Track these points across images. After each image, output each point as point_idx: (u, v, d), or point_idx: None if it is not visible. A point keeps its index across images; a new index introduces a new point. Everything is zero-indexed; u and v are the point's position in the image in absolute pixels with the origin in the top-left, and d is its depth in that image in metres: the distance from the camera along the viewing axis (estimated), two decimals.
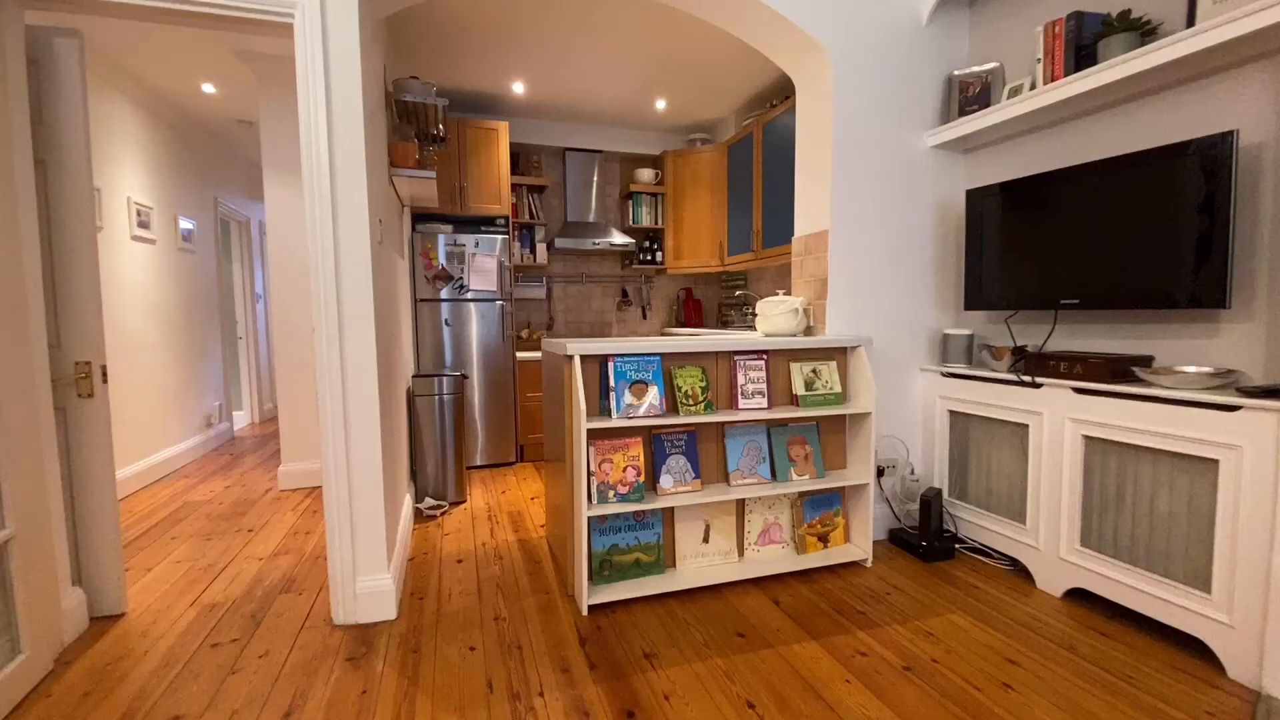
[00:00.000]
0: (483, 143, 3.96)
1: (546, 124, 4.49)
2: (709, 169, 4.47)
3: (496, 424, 4.00)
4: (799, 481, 2.32)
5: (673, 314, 5.04)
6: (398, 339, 2.86)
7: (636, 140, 4.73)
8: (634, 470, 2.09)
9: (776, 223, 3.74)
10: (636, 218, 4.62)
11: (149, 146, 3.91)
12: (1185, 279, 1.83)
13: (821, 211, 2.55)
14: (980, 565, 2.41)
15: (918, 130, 2.63)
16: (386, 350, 2.29)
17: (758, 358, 2.30)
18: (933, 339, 2.72)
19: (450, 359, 3.89)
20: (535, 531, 2.82)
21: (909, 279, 2.65)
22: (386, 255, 2.47)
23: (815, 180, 2.59)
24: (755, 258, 3.96)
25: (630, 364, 2.10)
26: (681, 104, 4.25)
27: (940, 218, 2.69)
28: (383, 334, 2.18)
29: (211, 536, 2.81)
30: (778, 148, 3.70)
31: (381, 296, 2.21)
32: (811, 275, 2.62)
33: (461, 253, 3.87)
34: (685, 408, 2.13)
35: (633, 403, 2.07)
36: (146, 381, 3.77)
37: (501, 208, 4.03)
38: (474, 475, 3.83)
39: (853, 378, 2.44)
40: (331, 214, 1.87)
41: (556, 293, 4.73)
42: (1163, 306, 1.89)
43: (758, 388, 2.28)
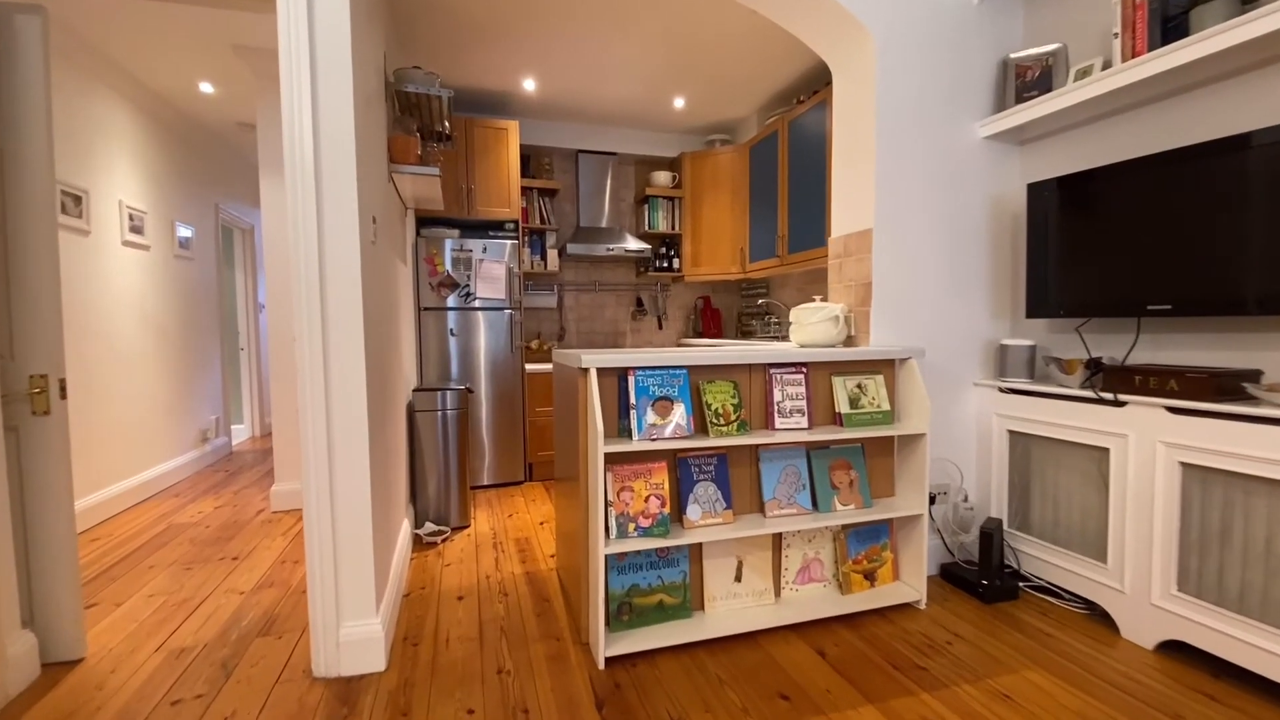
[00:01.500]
0: (491, 143, 3.76)
1: (558, 124, 4.29)
2: (729, 171, 4.23)
3: (504, 441, 3.75)
4: (844, 512, 2.04)
5: (690, 324, 4.79)
6: (397, 349, 2.63)
7: (652, 142, 4.51)
8: (657, 500, 1.83)
9: (803, 226, 3.49)
10: (652, 223, 4.40)
11: (144, 148, 3.74)
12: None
13: (864, 208, 2.30)
14: (1049, 608, 2.11)
15: (968, 120, 2.38)
16: (382, 362, 2.06)
17: (796, 371, 2.03)
18: (987, 350, 2.45)
19: (456, 371, 3.66)
20: (544, 562, 2.55)
21: (959, 283, 2.39)
22: (384, 258, 2.25)
23: (856, 174, 2.34)
24: (780, 264, 3.71)
25: (653, 378, 1.85)
26: (700, 103, 4.03)
27: (993, 216, 2.43)
28: (377, 344, 1.94)
29: (193, 565, 2.58)
30: (805, 147, 3.46)
31: (376, 302, 1.98)
32: (852, 279, 2.36)
33: (468, 258, 3.65)
34: (716, 428, 1.87)
35: (656, 422, 1.82)
36: (137, 394, 3.57)
37: (511, 211, 3.81)
38: (479, 496, 3.58)
39: (902, 394, 2.17)
40: (315, 207, 1.65)
41: (568, 301, 4.50)
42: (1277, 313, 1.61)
43: (796, 405, 2.02)
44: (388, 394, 2.24)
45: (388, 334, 2.32)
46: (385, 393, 2.16)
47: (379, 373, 2.01)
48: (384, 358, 2.16)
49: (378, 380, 1.97)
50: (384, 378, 2.14)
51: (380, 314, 2.11)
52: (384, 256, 2.27)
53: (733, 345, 3.56)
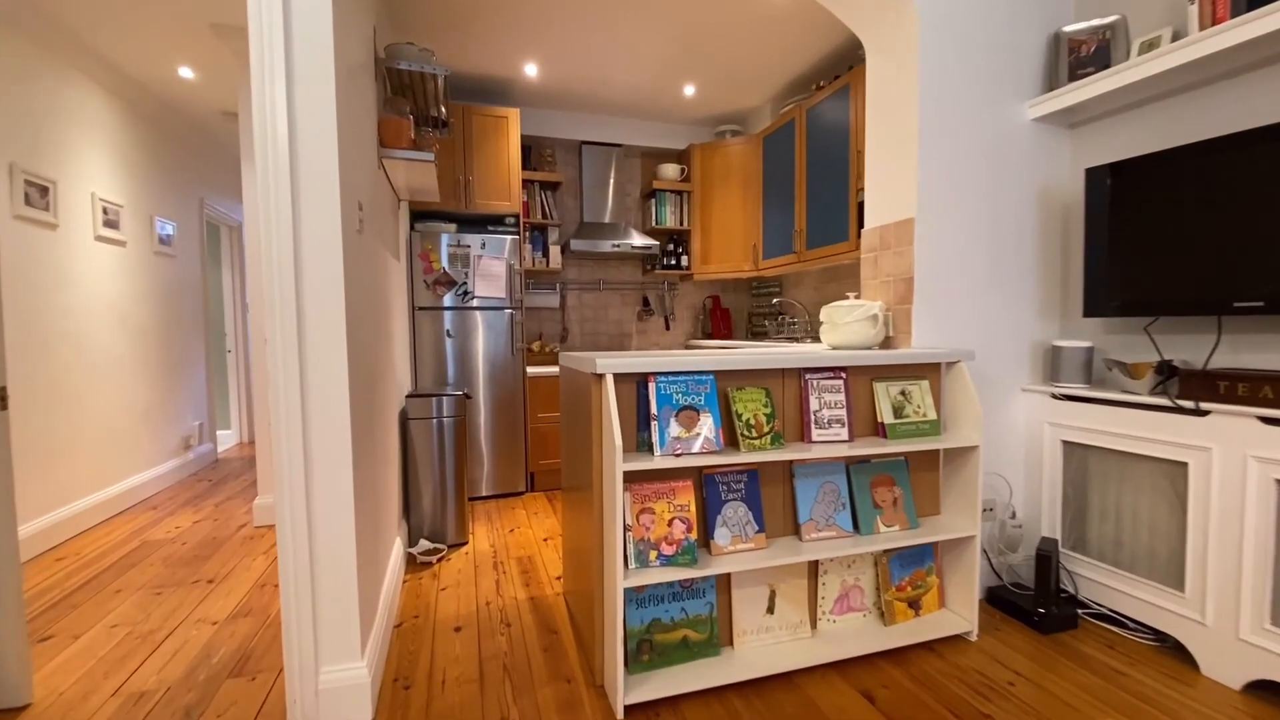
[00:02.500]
0: (491, 132, 3.54)
1: (561, 114, 4.07)
2: (741, 163, 4.02)
3: (504, 449, 3.53)
4: (888, 534, 1.82)
5: (699, 325, 4.58)
6: (388, 352, 2.41)
7: (660, 133, 4.30)
8: (683, 524, 1.61)
9: (823, 221, 3.28)
10: (660, 218, 4.18)
11: (120, 138, 3.51)
12: None
13: (905, 196, 2.09)
14: (1114, 639, 1.90)
15: (1016, 100, 2.17)
16: (370, 365, 1.83)
17: (835, 376, 1.82)
18: (1035, 352, 2.23)
19: (453, 375, 3.43)
20: (550, 585, 2.33)
21: (1004, 279, 2.18)
22: (372, 251, 2.02)
23: (895, 160, 2.12)
24: (797, 260, 3.49)
25: (677, 384, 1.63)
26: (711, 91, 3.81)
27: (1041, 205, 2.22)
28: (364, 345, 1.72)
29: (163, 589, 2.34)
30: (824, 136, 3.25)
31: (363, 298, 1.76)
32: (890, 274, 2.14)
33: (466, 255, 3.43)
34: (747, 442, 1.65)
35: (680, 435, 1.59)
36: (111, 400, 3.33)
37: (511, 205, 3.59)
38: (478, 509, 3.36)
39: (950, 401, 1.96)
40: (290, 187, 1.42)
41: (571, 301, 4.27)
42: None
43: (835, 414, 1.80)
44: (376, 401, 2.01)
45: (377, 335, 2.09)
46: (373, 400, 1.94)
47: (365, 378, 1.78)
48: (372, 361, 1.94)
49: (364, 386, 1.75)
50: (372, 383, 1.91)
51: (368, 312, 1.88)
52: (372, 249, 2.04)
53: (756, 348, 3.34)
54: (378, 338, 2.12)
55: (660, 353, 1.89)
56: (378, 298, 2.16)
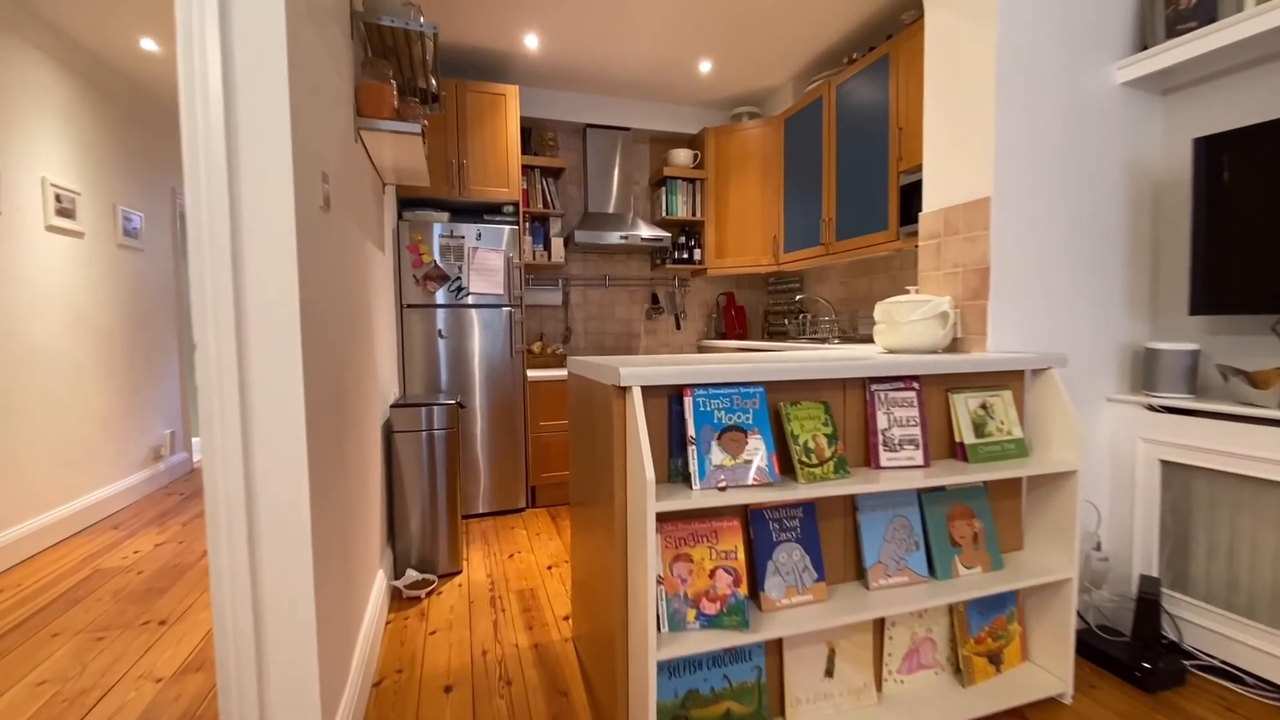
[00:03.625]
0: (487, 111, 3.20)
1: (564, 94, 3.73)
2: (760, 148, 3.69)
3: (502, 460, 3.20)
4: (970, 578, 1.51)
5: (712, 324, 4.25)
6: (370, 355, 2.08)
7: (670, 116, 3.97)
8: (728, 575, 1.29)
9: (856, 209, 2.96)
10: (670, 208, 3.85)
11: (77, 119, 3.17)
12: None
13: (978, 172, 1.76)
14: (1234, 699, 1.58)
15: (1102, 61, 1.85)
16: (339, 373, 1.50)
17: (906, 387, 1.50)
18: (1122, 356, 1.92)
19: (446, 379, 3.10)
20: (557, 629, 2.00)
21: (1086, 270, 1.86)
22: (345, 234, 1.70)
23: (965, 129, 1.80)
24: (825, 253, 3.17)
25: (720, 398, 1.30)
26: (729, 68, 3.48)
27: (1130, 183, 1.90)
28: (331, 349, 1.39)
29: (107, 633, 2.01)
30: (857, 114, 2.92)
31: (330, 291, 1.43)
32: (959, 264, 1.82)
33: (460, 247, 3.10)
34: (806, 471, 1.33)
35: (725, 463, 1.27)
36: (66, 408, 3.00)
37: (510, 192, 3.26)
38: (473, 529, 3.03)
39: (1036, 416, 1.64)
40: (225, 146, 1.09)
41: (574, 298, 3.95)
42: None
43: (908, 434, 1.48)
44: (349, 413, 1.69)
45: (353, 335, 1.77)
46: (344, 412, 1.61)
47: (333, 387, 1.46)
48: (343, 367, 1.61)
49: (329, 398, 1.42)
50: (342, 393, 1.59)
51: (338, 308, 1.55)
52: (344, 233, 1.71)
53: (795, 350, 3.02)
54: (354, 339, 1.79)
55: (695, 359, 1.56)
56: (354, 291, 1.84)
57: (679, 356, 1.63)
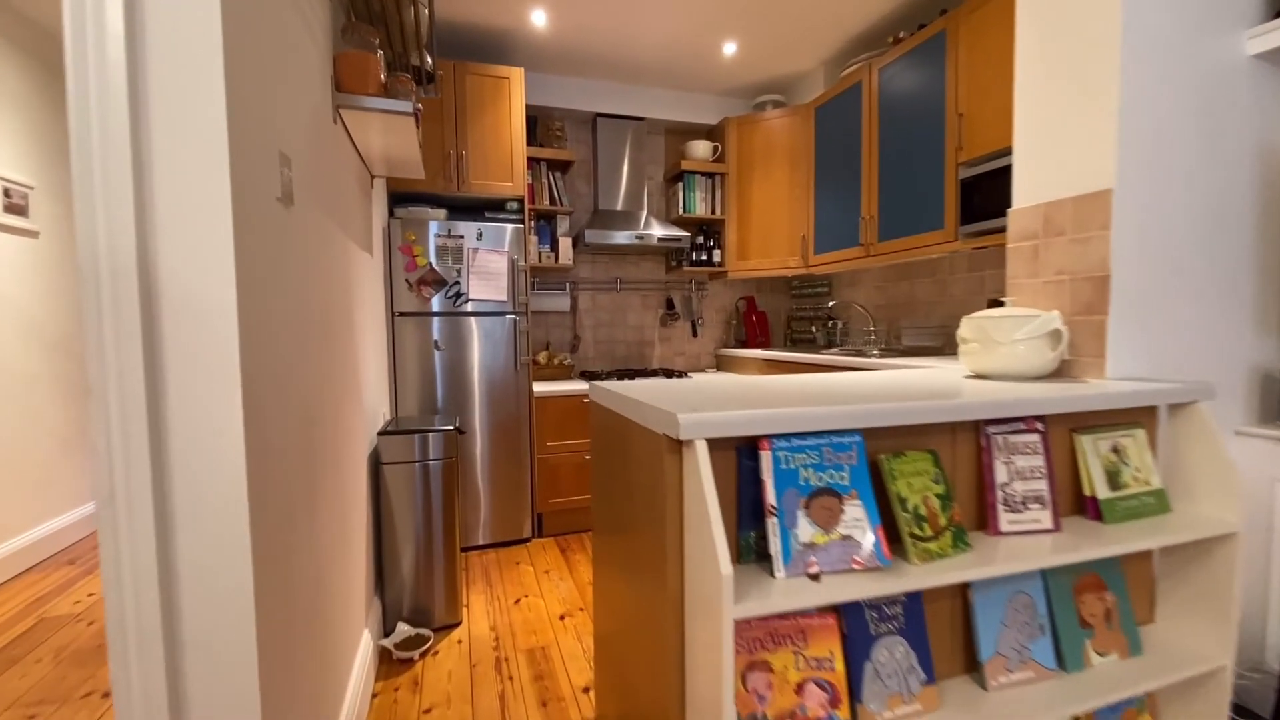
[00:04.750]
0: (489, 96, 2.88)
1: (572, 80, 3.41)
2: (787, 139, 3.38)
3: (505, 485, 2.88)
4: (1105, 667, 1.19)
5: (731, 330, 3.94)
6: (351, 374, 1.76)
7: (688, 104, 3.65)
8: (823, 691, 0.97)
9: (902, 205, 2.64)
10: (688, 205, 3.53)
11: (28, 105, 2.83)
12: None
13: (1095, 158, 1.45)
14: None
15: (1229, 29, 1.54)
16: (312, 404, 1.18)
17: (1029, 428, 1.18)
18: (1250, 380, 1.61)
19: (442, 396, 2.78)
20: (576, 705, 1.68)
21: (1214, 277, 1.55)
22: (315, 233, 1.37)
23: (1075, 106, 1.49)
24: (865, 254, 2.86)
25: (807, 452, 0.99)
26: (755, 51, 3.17)
27: (1262, 175, 1.59)
28: (290, 374, 1.07)
29: (39, 708, 1.69)
30: (905, 100, 2.61)
31: (295, 307, 1.11)
32: (1064, 270, 1.51)
33: (459, 247, 2.77)
34: (919, 547, 1.01)
35: (816, 540, 0.96)
36: (20, 427, 2.66)
37: (514, 187, 2.94)
38: (473, 563, 2.71)
39: (1174, 460, 1.32)
40: (129, 112, 0.77)
41: (583, 303, 3.62)
42: None
43: (1033, 489, 1.16)
44: (326, 450, 1.37)
45: (330, 354, 1.44)
46: (319, 451, 1.29)
47: (298, 424, 1.14)
48: (317, 393, 1.29)
49: (294, 439, 1.10)
50: (313, 426, 1.27)
51: (308, 323, 1.23)
52: (320, 233, 1.39)
53: (834, 360, 2.70)
54: (331, 358, 1.47)
55: (764, 390, 1.23)
56: (332, 302, 1.51)
57: (747, 385, 1.30)
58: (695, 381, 1.39)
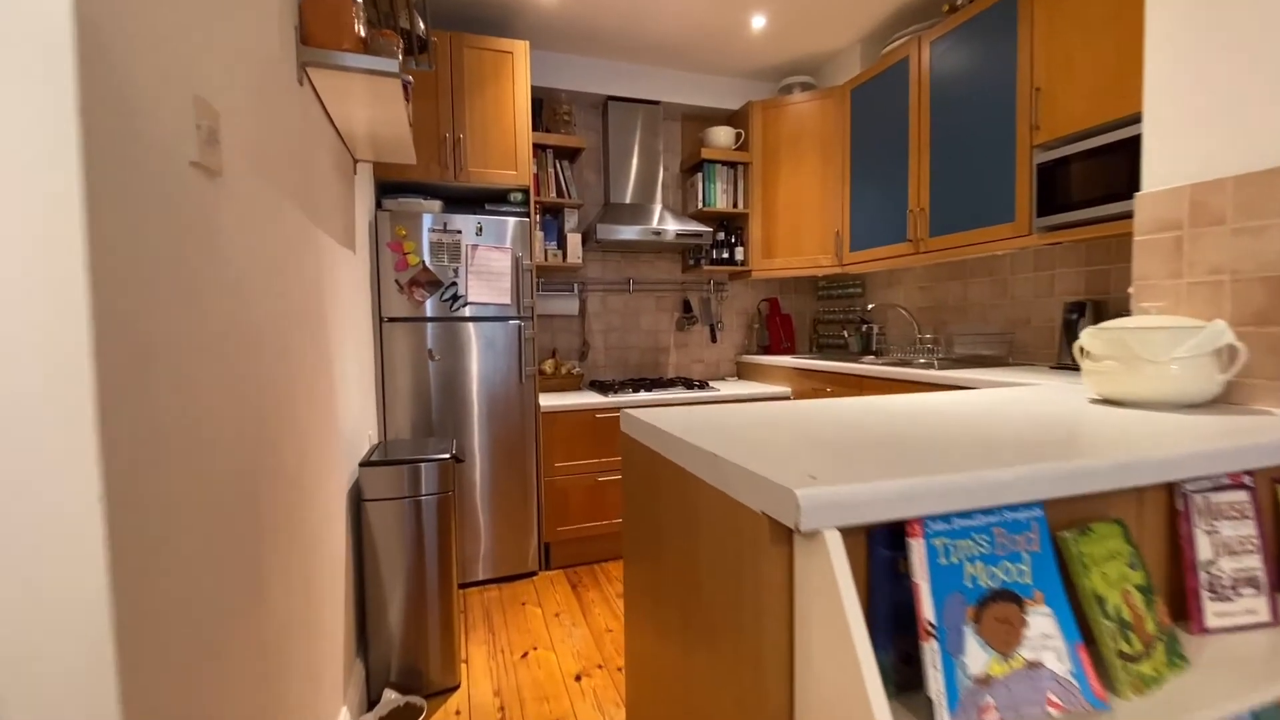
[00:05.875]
0: (490, 73, 2.56)
1: (581, 59, 3.09)
2: (818, 125, 3.06)
3: (509, 512, 2.56)
4: None
5: (753, 335, 3.62)
6: (325, 397, 1.43)
7: (708, 87, 3.33)
8: None
9: (959, 195, 2.33)
10: (708, 198, 3.22)
11: None
12: None
13: (1265, 128, 1.13)
14: None
15: None
16: (249, 444, 0.86)
17: (1233, 483, 0.87)
18: None
19: (438, 412, 2.45)
20: None
21: None
22: (273, 222, 1.05)
23: (1245, 54, 1.17)
24: (913, 251, 2.55)
25: (973, 537, 0.67)
26: (782, 26, 2.85)
27: None
28: (226, 417, 0.75)
29: None
30: (961, 77, 2.30)
31: (223, 321, 0.78)
32: (1222, 269, 1.19)
33: (456, 244, 2.45)
34: (1130, 672, 0.69)
35: (991, 672, 0.64)
36: None
37: (518, 176, 2.62)
38: (472, 602, 2.38)
39: None
40: None
41: (593, 305, 3.30)
42: None
43: (1244, 569, 0.85)
44: (277, 501, 1.05)
45: (286, 375, 1.12)
46: (265, 503, 0.97)
47: (218, 482, 0.82)
48: (260, 430, 0.97)
49: (214, 504, 0.78)
50: (252, 479, 0.95)
51: (249, 337, 0.91)
52: (274, 220, 1.07)
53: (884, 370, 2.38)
54: (286, 380, 1.15)
55: (852, 422, 0.91)
56: (290, 307, 1.19)
57: (821, 417, 0.98)
58: (752, 414, 1.07)
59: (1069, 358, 2.10)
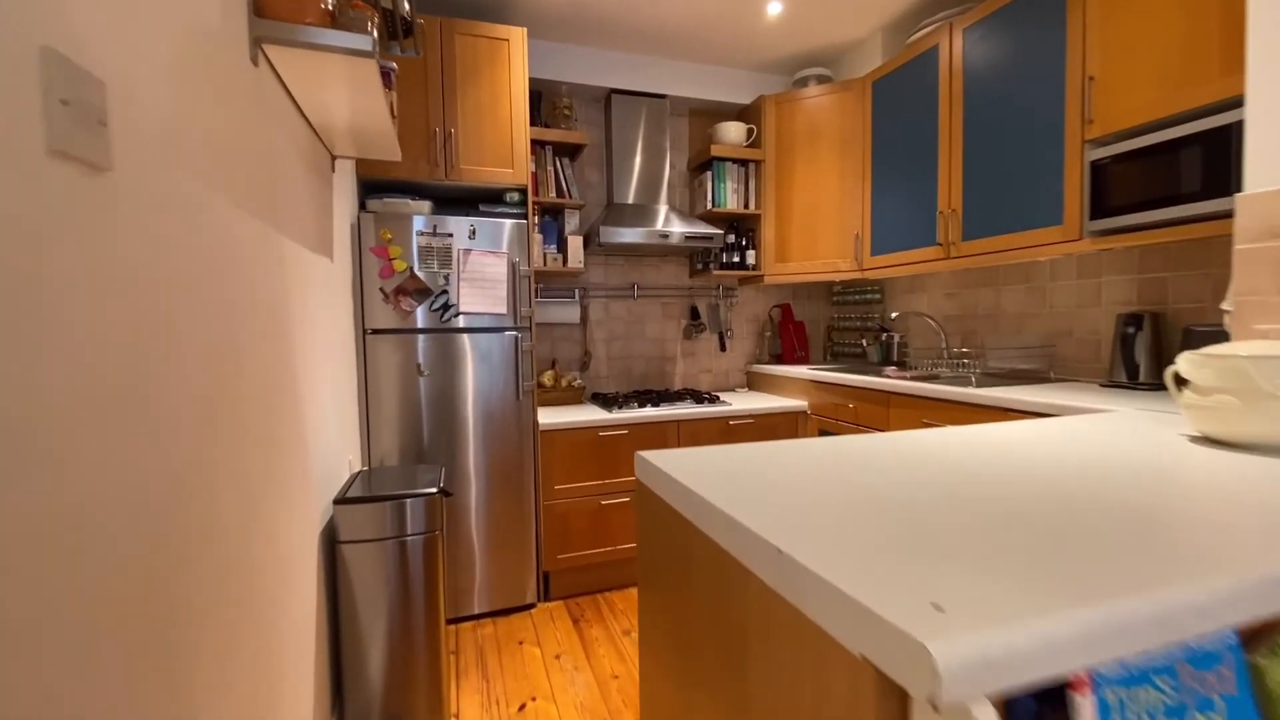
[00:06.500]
0: (484, 61, 2.35)
1: (583, 50, 2.89)
2: (836, 120, 2.87)
3: (505, 539, 2.36)
4: None
5: (764, 343, 3.42)
6: (291, 429, 1.23)
7: (718, 80, 3.13)
8: None
9: (1000, 196, 2.14)
10: (718, 198, 3.02)
11: None
12: None
13: None
14: None
15: None
16: (174, 508, 0.66)
17: None
18: None
19: (428, 433, 2.25)
20: None
21: None
22: (190, 223, 0.85)
23: None
24: (943, 256, 2.35)
25: (1151, 683, 0.47)
26: (798, 13, 2.65)
27: None
28: (99, 486, 0.55)
29: None
30: (999, 67, 2.11)
31: (111, 358, 0.58)
32: None
33: (447, 248, 2.25)
34: None
35: None
36: None
37: (514, 174, 2.41)
38: (465, 640, 2.18)
39: None
40: None
41: (595, 312, 3.10)
42: None
43: None
44: (208, 569, 0.85)
45: (239, 411, 0.92)
46: (181, 578, 0.77)
47: (104, 582, 0.61)
48: (184, 490, 0.77)
49: (89, 604, 0.58)
50: (158, 555, 0.74)
51: (181, 375, 0.71)
52: (208, 222, 0.87)
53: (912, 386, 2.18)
54: (232, 419, 0.95)
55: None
56: (235, 332, 0.99)
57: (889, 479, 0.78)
58: (802, 462, 0.87)
59: (1122, 375, 1.91)
